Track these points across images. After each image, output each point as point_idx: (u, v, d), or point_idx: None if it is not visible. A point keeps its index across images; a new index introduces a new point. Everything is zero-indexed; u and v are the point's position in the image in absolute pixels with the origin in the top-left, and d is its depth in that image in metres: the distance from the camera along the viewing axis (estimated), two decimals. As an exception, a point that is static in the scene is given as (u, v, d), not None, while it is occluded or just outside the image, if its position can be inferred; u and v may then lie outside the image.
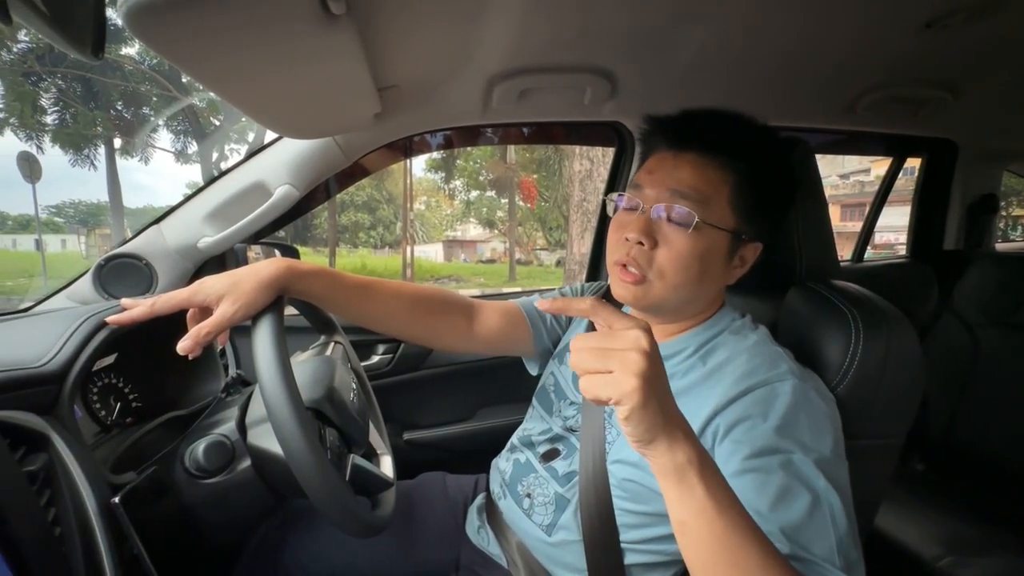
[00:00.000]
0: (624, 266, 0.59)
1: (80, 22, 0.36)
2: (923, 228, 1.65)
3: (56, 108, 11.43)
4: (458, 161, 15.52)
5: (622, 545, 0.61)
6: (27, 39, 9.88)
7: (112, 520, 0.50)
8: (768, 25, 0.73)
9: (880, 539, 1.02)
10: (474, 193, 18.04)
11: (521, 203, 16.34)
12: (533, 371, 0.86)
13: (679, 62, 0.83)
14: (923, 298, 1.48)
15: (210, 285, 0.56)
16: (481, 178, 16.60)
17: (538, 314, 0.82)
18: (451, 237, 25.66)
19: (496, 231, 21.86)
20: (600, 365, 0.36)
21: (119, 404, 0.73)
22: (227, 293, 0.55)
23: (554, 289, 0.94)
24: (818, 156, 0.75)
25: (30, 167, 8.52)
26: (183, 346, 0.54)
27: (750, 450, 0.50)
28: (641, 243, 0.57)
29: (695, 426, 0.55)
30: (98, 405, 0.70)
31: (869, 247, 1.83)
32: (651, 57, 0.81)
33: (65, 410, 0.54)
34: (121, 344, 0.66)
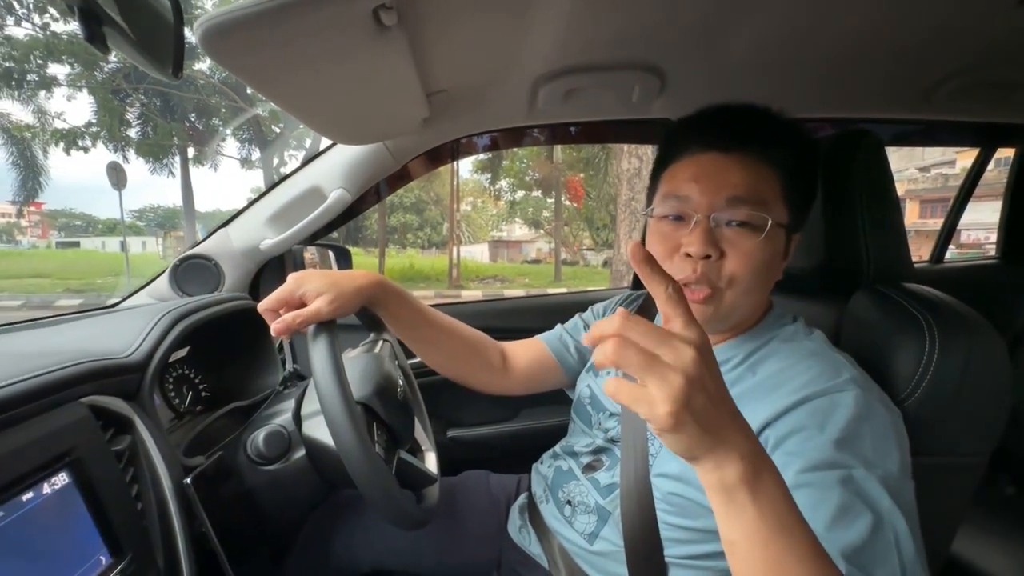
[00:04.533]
0: (687, 285, 0.54)
1: (163, 46, 0.40)
2: (1017, 226, 1.49)
3: (139, 121, 12.58)
4: (504, 162, 15.62)
5: (667, 560, 0.59)
6: (115, 59, 10.92)
7: (184, 499, 0.55)
8: (832, 11, 0.68)
9: (961, 568, 0.93)
10: (520, 193, 18.09)
11: (567, 202, 16.21)
12: (575, 397, 0.85)
13: (732, 55, 0.79)
14: (1016, 304, 1.33)
15: (311, 283, 0.60)
16: (527, 178, 16.61)
17: (562, 344, 0.83)
18: (496, 237, 25.88)
19: (542, 231, 21.80)
20: (637, 370, 0.31)
21: (191, 393, 0.80)
22: (326, 292, 0.59)
23: (595, 292, 0.92)
24: (894, 149, 0.70)
25: (117, 176, 9.41)
26: (276, 328, 0.58)
27: (804, 463, 0.46)
28: (708, 256, 0.53)
29: None
30: (172, 394, 0.77)
31: (953, 246, 1.67)
32: (702, 51, 0.78)
33: (146, 397, 0.59)
34: (194, 338, 0.72)
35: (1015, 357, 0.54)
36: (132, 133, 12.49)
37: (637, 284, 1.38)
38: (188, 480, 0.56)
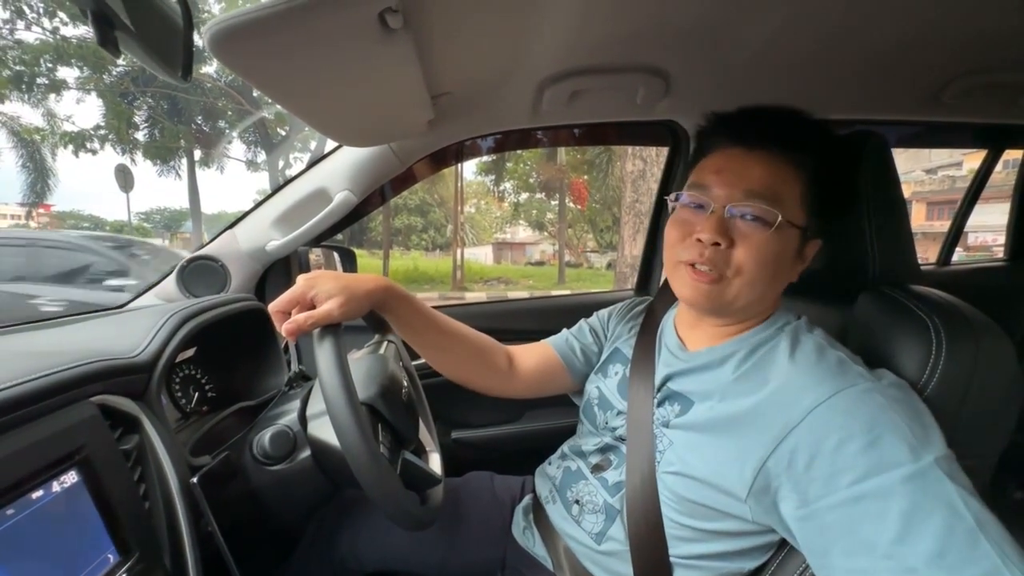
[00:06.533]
0: (693, 265, 0.58)
1: (173, 49, 0.41)
2: (1024, 228, 1.48)
3: (146, 124, 12.69)
4: (508, 164, 15.63)
5: (672, 559, 0.59)
6: (124, 63, 11.02)
7: (191, 498, 0.55)
8: (840, 13, 0.68)
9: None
10: (524, 195, 18.08)
11: (571, 205, 16.20)
12: (580, 403, 0.85)
13: (739, 56, 0.79)
14: None
15: (323, 285, 0.61)
16: (531, 180, 16.61)
17: (569, 348, 0.83)
18: (500, 239, 25.91)
19: (545, 233, 21.79)
20: None
21: (197, 394, 0.80)
22: (337, 295, 0.60)
23: (588, 294, 0.92)
24: (901, 150, 0.69)
25: (125, 178, 9.50)
26: (288, 329, 0.58)
27: (851, 476, 0.44)
28: (717, 243, 0.55)
29: (761, 448, 0.50)
30: (179, 394, 0.78)
31: (961, 248, 1.66)
32: (707, 52, 0.79)
33: (154, 397, 0.60)
34: (200, 339, 0.73)
35: (1023, 359, 0.53)
36: (140, 136, 12.60)
37: (641, 287, 1.38)
38: (195, 480, 0.56)
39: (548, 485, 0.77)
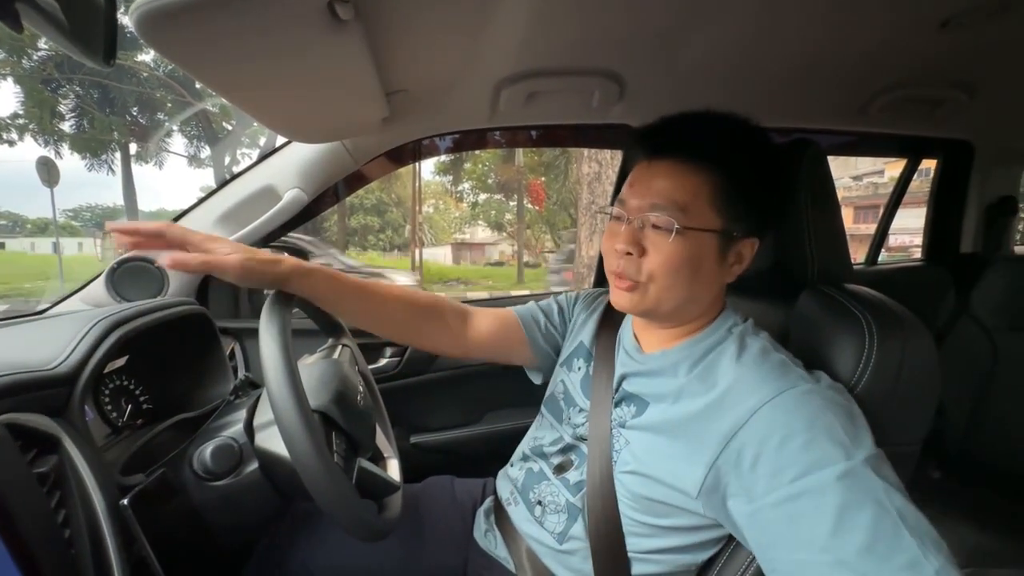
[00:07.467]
0: (619, 275, 0.61)
1: (92, 30, 0.37)
2: (939, 230, 1.62)
3: (74, 114, 11.68)
4: (466, 164, 15.57)
5: (630, 554, 0.60)
6: (46, 47, 10.10)
7: (121, 522, 0.51)
8: (779, 27, 0.72)
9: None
10: (482, 196, 18.08)
11: (529, 205, 16.35)
12: (536, 380, 0.86)
13: (688, 63, 0.82)
14: (939, 302, 1.45)
15: (223, 245, 0.59)
16: (489, 181, 16.62)
17: (533, 319, 0.83)
18: (459, 240, 25.72)
19: (504, 233, 21.85)
20: None
21: (130, 406, 0.74)
22: (237, 252, 0.58)
23: (556, 293, 0.92)
24: (830, 158, 0.74)
25: (48, 172, 8.69)
26: (173, 259, 0.54)
27: (792, 473, 0.46)
28: (630, 253, 0.58)
29: (712, 448, 0.52)
30: (109, 407, 0.71)
31: (883, 249, 1.80)
32: (659, 59, 0.81)
33: (76, 412, 0.54)
34: (133, 347, 0.67)
35: (939, 351, 0.58)
36: (66, 127, 11.60)
37: (599, 284, 1.40)
38: (125, 501, 0.51)
39: (510, 487, 0.77)
